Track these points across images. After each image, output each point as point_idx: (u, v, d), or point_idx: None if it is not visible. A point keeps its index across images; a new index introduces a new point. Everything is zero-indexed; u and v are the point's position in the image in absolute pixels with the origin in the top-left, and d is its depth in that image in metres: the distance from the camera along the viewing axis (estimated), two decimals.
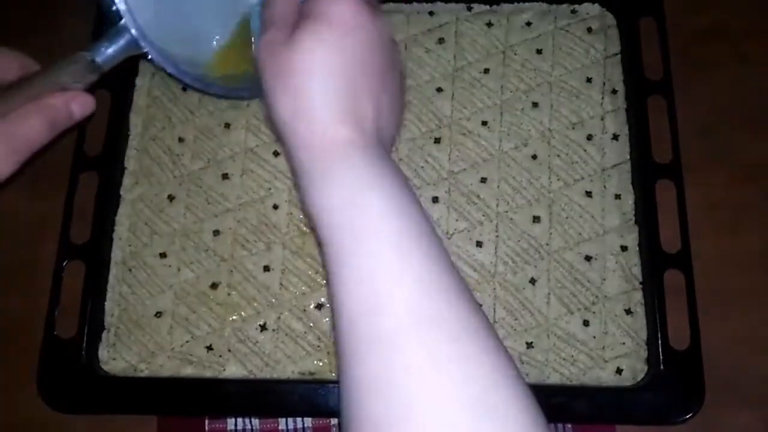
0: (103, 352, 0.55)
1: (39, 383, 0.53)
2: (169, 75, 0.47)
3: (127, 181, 0.59)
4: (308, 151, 0.36)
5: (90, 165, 0.59)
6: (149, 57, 0.45)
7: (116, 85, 0.60)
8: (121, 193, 0.59)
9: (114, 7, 0.44)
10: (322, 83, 0.36)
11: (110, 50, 0.44)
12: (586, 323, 0.54)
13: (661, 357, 0.52)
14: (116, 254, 0.57)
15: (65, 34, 0.64)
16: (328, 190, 0.35)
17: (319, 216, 0.35)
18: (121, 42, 0.44)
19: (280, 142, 0.39)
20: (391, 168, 0.36)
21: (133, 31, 0.44)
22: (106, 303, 0.56)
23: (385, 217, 0.34)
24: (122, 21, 0.44)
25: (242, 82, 0.53)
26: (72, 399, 0.53)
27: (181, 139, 0.60)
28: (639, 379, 0.53)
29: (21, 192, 0.60)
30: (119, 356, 0.55)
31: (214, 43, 0.54)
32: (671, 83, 0.59)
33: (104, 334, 0.55)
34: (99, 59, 0.43)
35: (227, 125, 0.60)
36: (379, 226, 0.34)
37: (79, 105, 0.43)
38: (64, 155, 0.59)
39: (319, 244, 0.54)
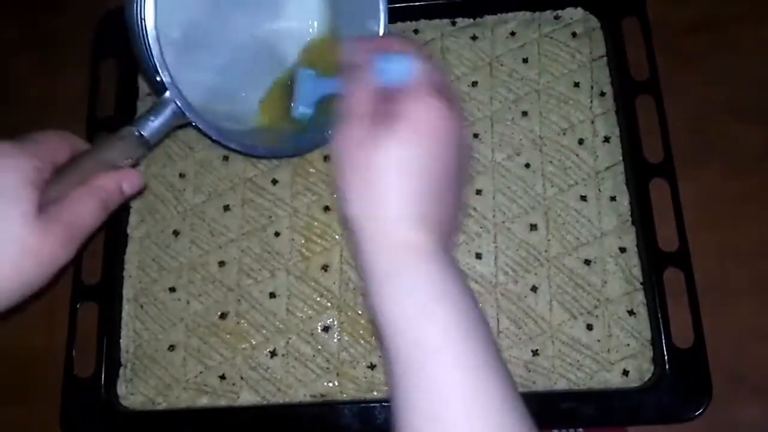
0: (121, 388, 0.57)
1: (62, 422, 0.56)
2: (214, 141, 0.48)
3: (132, 219, 0.61)
4: (378, 250, 0.37)
5: None
6: (193, 124, 0.46)
7: (116, 127, 0.62)
8: (128, 231, 0.60)
9: (158, 78, 0.45)
10: (399, 186, 0.36)
11: (156, 123, 0.44)
12: (589, 327, 0.55)
13: (667, 356, 0.53)
14: (127, 291, 0.59)
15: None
16: (398, 297, 0.36)
17: (386, 320, 0.36)
18: (167, 113, 0.45)
19: (346, 232, 0.39)
20: (455, 273, 0.37)
21: (178, 102, 0.45)
22: (121, 340, 0.58)
23: (452, 328, 0.35)
24: (167, 93, 0.45)
25: (281, 138, 0.55)
26: None
27: (182, 175, 0.62)
28: (646, 379, 0.53)
29: None
30: (137, 391, 0.57)
31: (253, 98, 0.56)
32: (658, 81, 0.59)
33: (121, 371, 0.57)
34: (146, 133, 0.44)
35: (225, 158, 0.61)
36: (446, 338, 0.35)
37: (129, 184, 0.44)
38: None
39: (322, 268, 0.55)
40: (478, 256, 0.57)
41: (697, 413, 0.52)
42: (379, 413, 0.53)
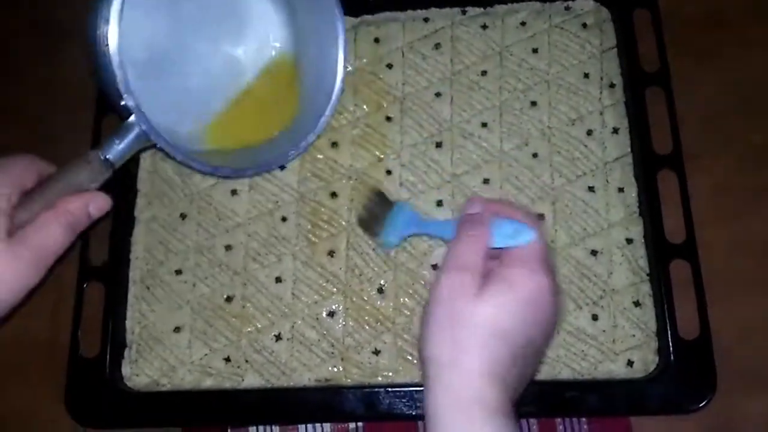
0: (126, 369, 0.57)
1: (67, 401, 0.56)
2: (179, 162, 0.50)
3: (140, 202, 0.61)
4: (450, 397, 0.38)
5: (104, 188, 0.60)
6: (158, 146, 0.47)
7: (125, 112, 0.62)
8: (135, 214, 0.60)
9: (122, 102, 0.45)
10: (489, 345, 0.38)
11: (121, 146, 0.46)
12: (595, 317, 0.55)
13: (672, 347, 0.53)
14: (134, 273, 0.59)
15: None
16: None
17: None
18: (131, 136, 0.46)
19: (420, 369, 0.41)
20: (516, 426, 0.38)
21: (143, 126, 0.46)
22: (126, 321, 0.58)
23: None
24: (132, 117, 0.46)
25: (243, 156, 0.56)
26: (98, 415, 0.55)
27: None
28: (650, 370, 0.53)
29: None
30: (141, 372, 0.57)
31: (213, 115, 0.58)
32: (669, 73, 0.59)
33: (126, 351, 0.57)
34: (111, 156, 0.45)
35: None
36: None
37: (96, 207, 0.45)
38: None
39: (328, 254, 0.56)
40: None
41: (701, 405, 0.52)
42: (383, 398, 0.53)
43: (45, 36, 0.70)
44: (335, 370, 0.56)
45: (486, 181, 0.59)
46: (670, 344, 0.53)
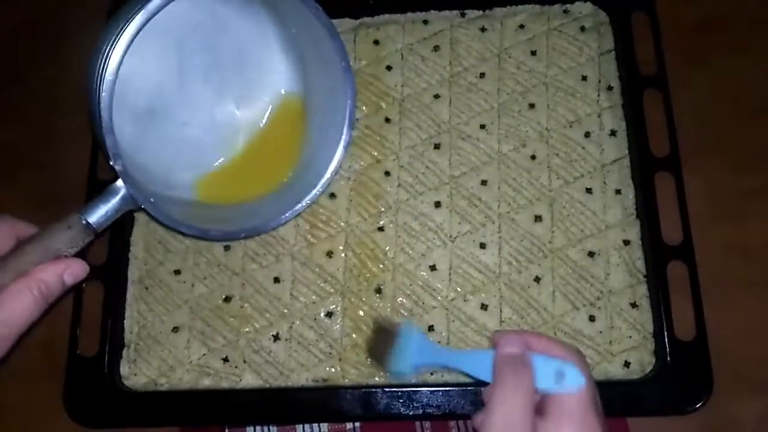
0: (124, 368, 0.57)
1: (65, 400, 0.56)
2: (165, 226, 0.48)
3: None
4: None
5: (103, 188, 0.61)
6: (143, 207, 0.46)
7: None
8: (135, 214, 0.61)
9: (111, 164, 0.44)
10: None
11: (105, 210, 0.44)
12: (592, 318, 0.55)
13: (668, 348, 0.53)
14: (133, 273, 0.59)
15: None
16: None
17: None
18: (117, 201, 0.44)
19: None
20: None
21: (131, 191, 0.44)
22: (125, 321, 0.58)
23: None
24: (119, 182, 0.44)
25: (238, 210, 0.55)
26: (97, 414, 0.56)
27: None
28: (647, 371, 0.54)
29: (38, 215, 0.62)
30: (140, 371, 0.57)
31: (210, 167, 0.57)
32: (666, 76, 0.60)
33: (125, 351, 0.58)
34: (93, 221, 0.43)
35: None
36: None
37: (72, 275, 0.43)
38: (79, 179, 0.61)
39: (327, 254, 0.56)
40: (483, 245, 0.57)
41: (697, 406, 0.52)
42: (381, 398, 0.53)
43: (46, 36, 0.70)
44: (333, 370, 0.56)
45: (484, 182, 0.59)
46: (667, 345, 0.53)
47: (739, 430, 0.54)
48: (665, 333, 0.53)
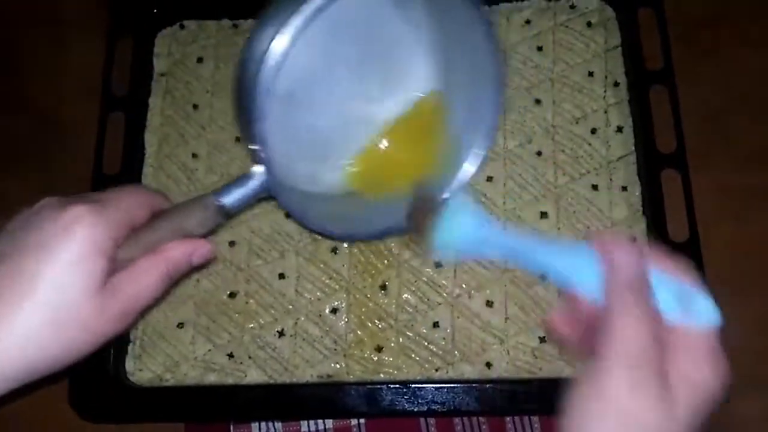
0: (129, 364, 0.57)
1: (70, 395, 0.56)
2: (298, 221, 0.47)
3: None
4: None
5: (109, 184, 0.61)
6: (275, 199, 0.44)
7: (131, 107, 0.63)
8: None
9: (253, 148, 0.42)
10: None
11: (240, 194, 0.42)
12: None
13: None
14: None
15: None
16: None
17: None
18: (255, 187, 0.42)
19: None
20: None
21: (269, 183, 0.42)
22: None
23: None
24: (255, 167, 0.42)
25: (360, 209, 0.52)
26: (102, 409, 0.56)
27: (194, 155, 0.62)
28: None
29: None
30: (145, 367, 0.57)
31: (342, 159, 0.53)
32: (673, 72, 0.59)
33: (130, 347, 0.58)
34: (228, 204, 0.41)
35: (238, 139, 0.62)
36: None
37: (199, 256, 0.41)
38: (84, 174, 0.61)
39: (332, 250, 0.55)
40: None
41: None
42: (386, 394, 0.53)
43: (51, 26, 0.70)
44: (338, 366, 0.56)
45: (489, 179, 0.59)
46: None
47: (739, 430, 0.53)
48: None
